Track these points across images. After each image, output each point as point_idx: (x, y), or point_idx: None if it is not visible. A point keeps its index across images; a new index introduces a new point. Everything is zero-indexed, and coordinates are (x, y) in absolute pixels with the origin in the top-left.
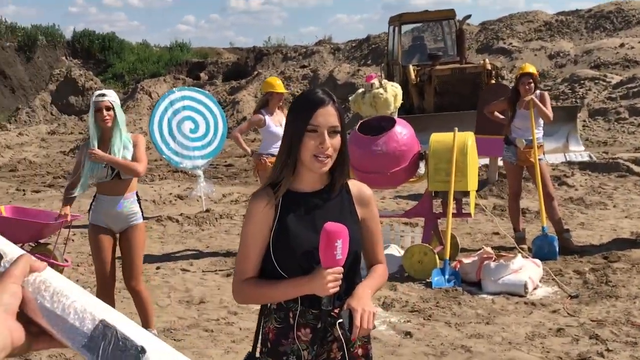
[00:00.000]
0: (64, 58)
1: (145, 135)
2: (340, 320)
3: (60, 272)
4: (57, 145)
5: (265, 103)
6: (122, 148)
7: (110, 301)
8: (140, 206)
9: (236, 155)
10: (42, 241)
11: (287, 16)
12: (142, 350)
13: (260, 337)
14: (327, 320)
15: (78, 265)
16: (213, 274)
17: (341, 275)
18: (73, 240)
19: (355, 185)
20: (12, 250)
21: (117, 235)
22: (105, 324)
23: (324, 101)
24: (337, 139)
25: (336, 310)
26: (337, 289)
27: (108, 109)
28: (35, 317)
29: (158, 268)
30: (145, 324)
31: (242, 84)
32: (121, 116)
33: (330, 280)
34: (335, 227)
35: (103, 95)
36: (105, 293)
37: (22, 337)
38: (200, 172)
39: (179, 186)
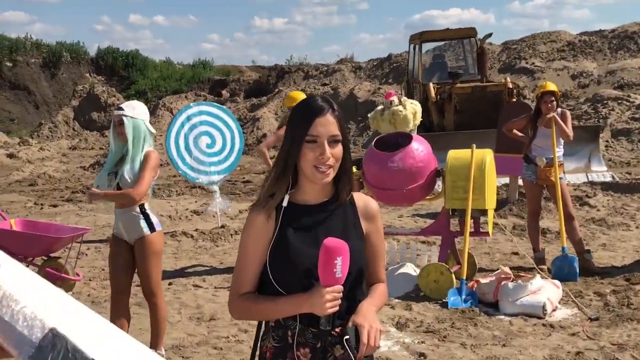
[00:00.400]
0: (87, 74)
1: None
2: (347, 337)
3: (72, 286)
4: (77, 161)
5: None
6: (130, 169)
7: (122, 314)
8: (148, 218)
9: (254, 172)
10: (53, 255)
11: (310, 35)
12: None
13: (257, 356)
14: (327, 339)
15: (90, 280)
16: (225, 290)
17: (341, 295)
18: (86, 254)
19: (361, 198)
20: None
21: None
22: (55, 333)
23: (323, 109)
24: (339, 148)
25: (337, 330)
26: (336, 308)
27: (119, 123)
28: None
29: (170, 284)
30: (153, 343)
31: (262, 101)
32: (135, 132)
33: (328, 299)
34: (335, 243)
35: (119, 108)
36: (116, 305)
37: None
38: (216, 188)
39: (195, 202)
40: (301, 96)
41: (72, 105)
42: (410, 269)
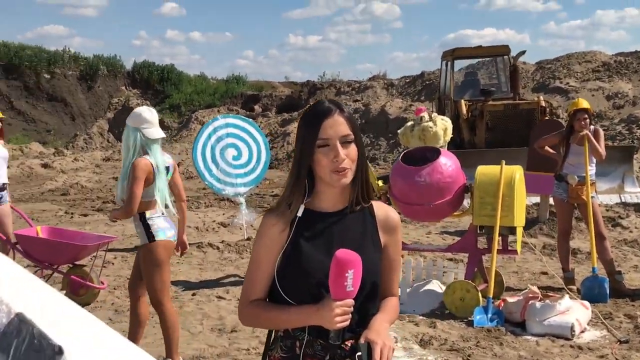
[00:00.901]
0: (123, 88)
1: (179, 164)
2: (359, 354)
3: (96, 294)
4: (109, 172)
5: None
6: (121, 179)
7: (137, 320)
8: (147, 228)
9: (283, 186)
10: (78, 263)
11: (344, 53)
12: (59, 351)
13: None
14: (336, 352)
15: (115, 289)
16: None
17: (351, 309)
18: (113, 263)
19: (382, 208)
20: None
21: None
22: (22, 319)
23: (330, 111)
24: (352, 149)
25: (347, 343)
26: (346, 323)
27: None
28: None
29: (194, 294)
30: (168, 352)
31: (293, 116)
32: (125, 141)
33: (338, 314)
34: (347, 255)
35: None
36: (133, 311)
37: None
38: (242, 200)
39: (223, 214)
40: None
41: (107, 117)
42: (436, 286)
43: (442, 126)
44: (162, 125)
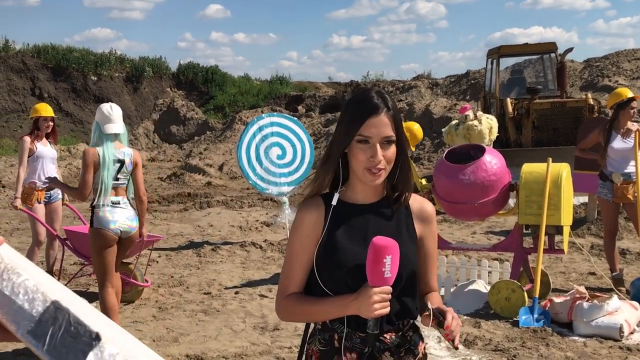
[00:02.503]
0: (168, 89)
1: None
2: (432, 310)
3: (140, 292)
4: (155, 172)
5: None
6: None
7: (104, 305)
8: (92, 214)
9: None
10: (124, 260)
11: (388, 53)
12: (97, 337)
13: (303, 358)
14: (375, 345)
15: (159, 286)
16: None
17: (389, 296)
18: (157, 261)
19: (416, 200)
20: None
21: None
22: (58, 306)
23: (377, 109)
24: (392, 150)
25: (386, 335)
26: (386, 310)
27: None
28: None
29: (237, 293)
30: None
31: (337, 116)
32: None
33: (376, 300)
34: (384, 241)
35: None
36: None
37: None
38: (285, 199)
39: (266, 214)
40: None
41: (152, 118)
42: (481, 286)
43: (488, 125)
44: (207, 125)
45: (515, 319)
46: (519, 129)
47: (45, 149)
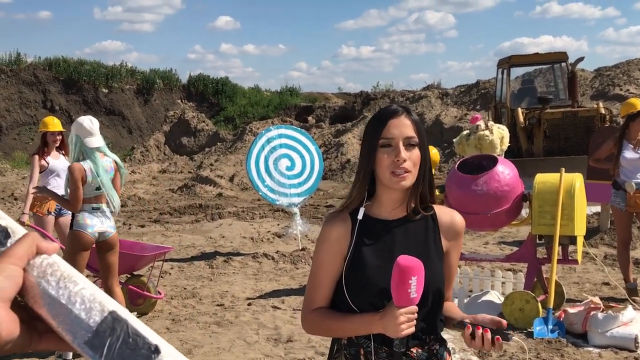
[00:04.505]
0: (179, 101)
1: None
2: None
3: (153, 304)
4: (166, 184)
5: None
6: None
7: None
8: (73, 217)
9: (337, 197)
10: (136, 273)
11: (397, 63)
12: (156, 350)
13: None
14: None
15: (171, 298)
16: None
17: (415, 315)
18: (169, 273)
19: (446, 213)
20: (20, 229)
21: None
22: (116, 317)
23: (397, 112)
24: (415, 153)
25: (413, 350)
26: (411, 330)
27: None
28: (34, 305)
29: (250, 304)
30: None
31: (347, 127)
32: (70, 144)
33: (403, 321)
34: (409, 261)
35: None
36: None
37: (14, 330)
38: (296, 210)
39: (278, 225)
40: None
41: (163, 130)
42: (495, 297)
43: (499, 134)
44: (217, 137)
45: (529, 329)
46: (531, 138)
47: (57, 162)
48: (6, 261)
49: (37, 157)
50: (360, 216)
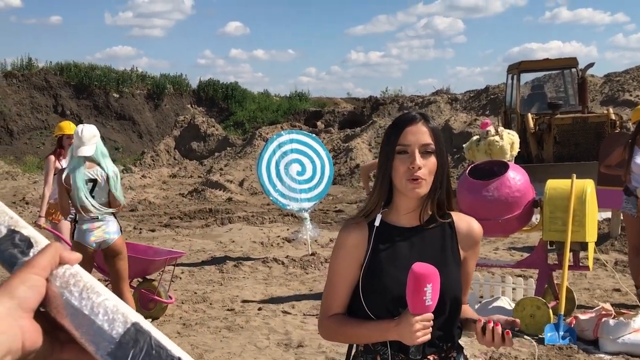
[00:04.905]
0: (189, 106)
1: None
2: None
3: (164, 308)
4: (176, 188)
5: None
6: None
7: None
8: (73, 229)
9: (347, 202)
10: (148, 277)
11: (406, 68)
12: None
13: None
14: None
15: (182, 303)
16: (314, 317)
17: (431, 323)
18: (180, 278)
19: (464, 221)
20: (43, 239)
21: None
22: (139, 328)
23: (415, 119)
24: (432, 160)
25: (429, 357)
26: (427, 337)
27: None
28: (57, 315)
29: (260, 309)
30: None
31: (356, 132)
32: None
33: (418, 328)
34: (424, 269)
35: None
36: None
37: (37, 340)
38: (306, 215)
39: (287, 229)
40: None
41: (173, 134)
42: (505, 303)
43: (509, 140)
44: (227, 142)
45: (540, 336)
46: (541, 144)
47: None
48: (29, 271)
49: (52, 157)
50: (377, 223)
